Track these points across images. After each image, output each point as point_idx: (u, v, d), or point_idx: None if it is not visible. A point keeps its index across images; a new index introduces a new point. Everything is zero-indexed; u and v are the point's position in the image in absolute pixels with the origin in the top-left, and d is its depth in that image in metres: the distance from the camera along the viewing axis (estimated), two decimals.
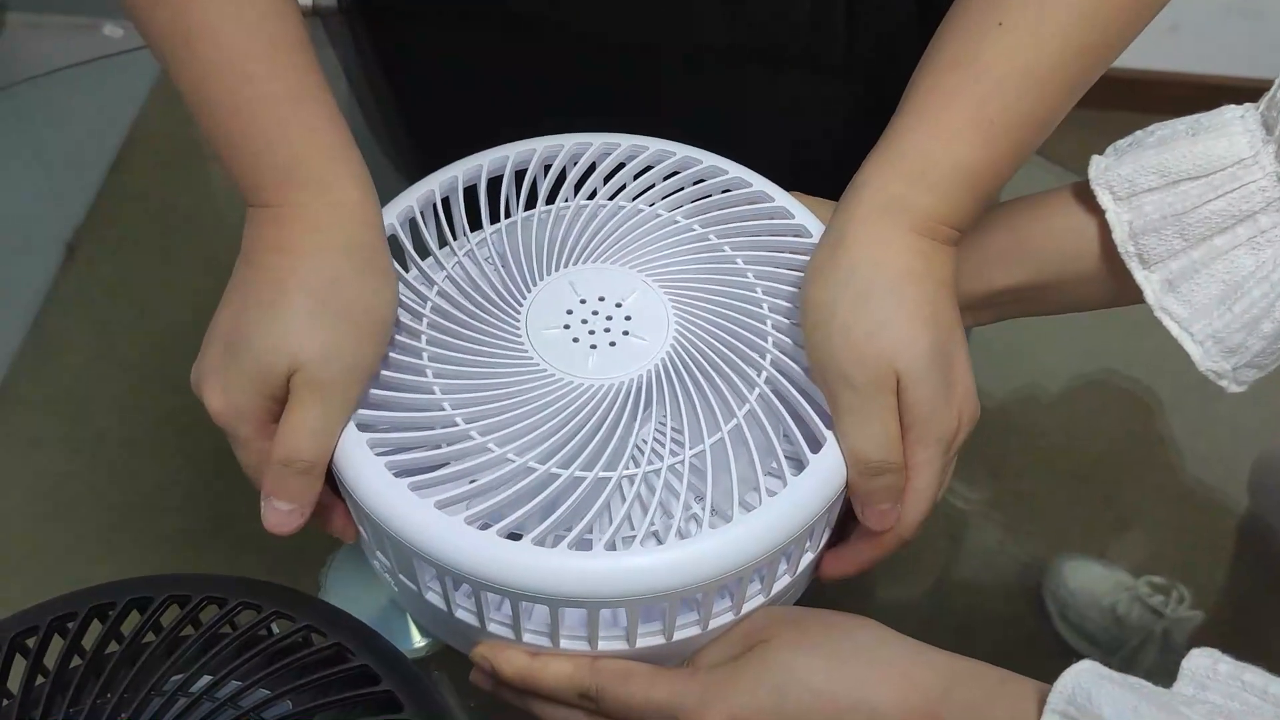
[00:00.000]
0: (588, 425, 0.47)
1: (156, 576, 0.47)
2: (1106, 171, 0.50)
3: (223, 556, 0.81)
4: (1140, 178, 0.49)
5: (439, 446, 0.47)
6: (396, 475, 0.45)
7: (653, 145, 0.56)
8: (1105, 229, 0.50)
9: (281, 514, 0.46)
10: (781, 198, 0.55)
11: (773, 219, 0.54)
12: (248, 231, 0.48)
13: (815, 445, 0.47)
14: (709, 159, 0.56)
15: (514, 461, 0.45)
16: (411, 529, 0.44)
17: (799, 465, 0.47)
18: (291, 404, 0.46)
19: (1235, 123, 0.48)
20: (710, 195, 0.56)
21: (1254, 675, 0.40)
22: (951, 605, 0.78)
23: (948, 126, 0.47)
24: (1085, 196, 0.51)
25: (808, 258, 0.50)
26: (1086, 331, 0.87)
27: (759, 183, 0.56)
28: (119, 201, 1.08)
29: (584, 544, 0.44)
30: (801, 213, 0.54)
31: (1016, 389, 0.88)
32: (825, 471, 0.46)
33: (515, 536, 0.44)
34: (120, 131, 1.11)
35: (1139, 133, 0.51)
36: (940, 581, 0.79)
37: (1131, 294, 0.51)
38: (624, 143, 0.57)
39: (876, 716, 0.44)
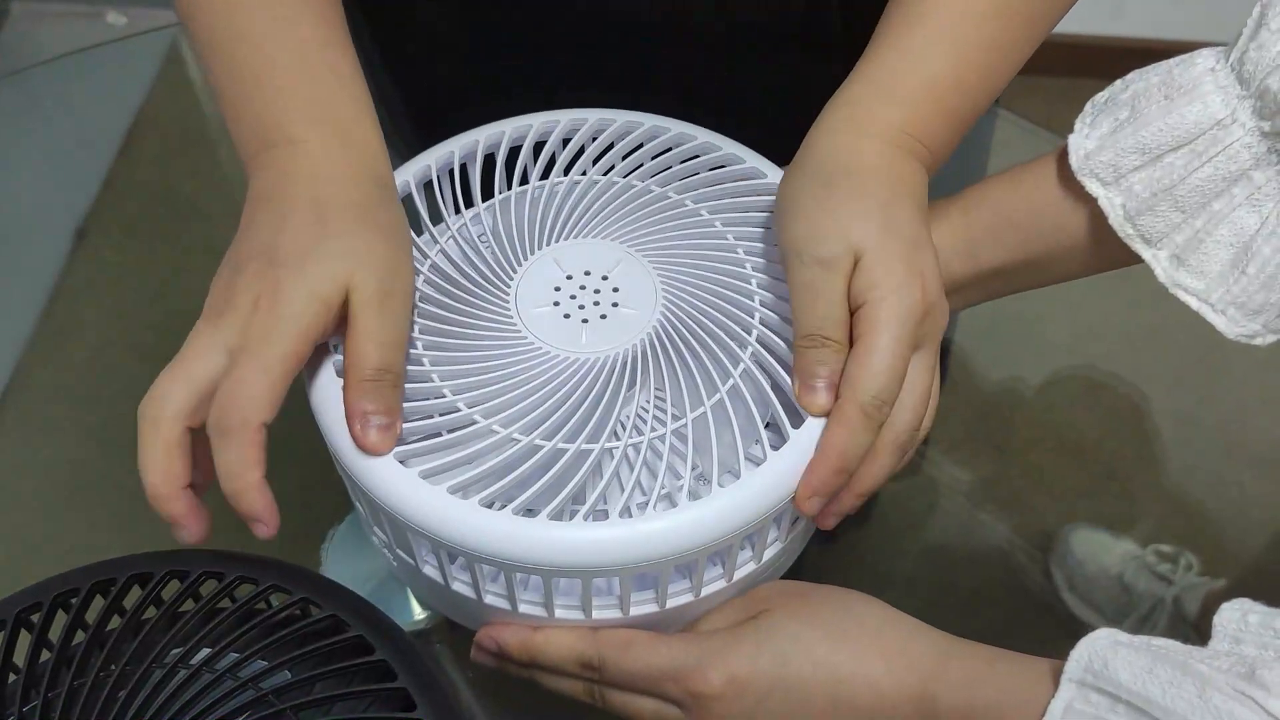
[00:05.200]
0: (577, 397, 0.47)
1: (156, 552, 0.48)
2: (1088, 160, 0.49)
3: (233, 535, 0.81)
4: (1123, 160, 0.48)
5: (429, 417, 0.47)
6: None
7: (647, 122, 0.57)
8: (1088, 198, 0.50)
9: (383, 429, 0.45)
10: (774, 175, 0.55)
11: (761, 195, 0.54)
12: (262, 174, 0.47)
13: (798, 420, 0.47)
14: (703, 135, 0.56)
15: (498, 433, 0.46)
16: (398, 500, 0.45)
17: (782, 437, 0.47)
18: (365, 317, 0.45)
19: (1206, 79, 0.47)
20: (699, 172, 0.56)
21: None
22: (959, 577, 0.78)
23: (913, 47, 0.49)
24: (1065, 167, 0.51)
25: None
26: (1089, 307, 0.87)
27: (751, 159, 0.56)
28: (127, 187, 1.08)
29: (569, 515, 0.44)
30: None
31: (1021, 363, 0.88)
32: (808, 443, 0.46)
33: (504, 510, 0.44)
34: (127, 117, 1.12)
35: (1117, 83, 0.50)
36: (947, 554, 0.79)
37: (1120, 259, 0.51)
38: (619, 119, 0.57)
39: (873, 688, 0.45)
